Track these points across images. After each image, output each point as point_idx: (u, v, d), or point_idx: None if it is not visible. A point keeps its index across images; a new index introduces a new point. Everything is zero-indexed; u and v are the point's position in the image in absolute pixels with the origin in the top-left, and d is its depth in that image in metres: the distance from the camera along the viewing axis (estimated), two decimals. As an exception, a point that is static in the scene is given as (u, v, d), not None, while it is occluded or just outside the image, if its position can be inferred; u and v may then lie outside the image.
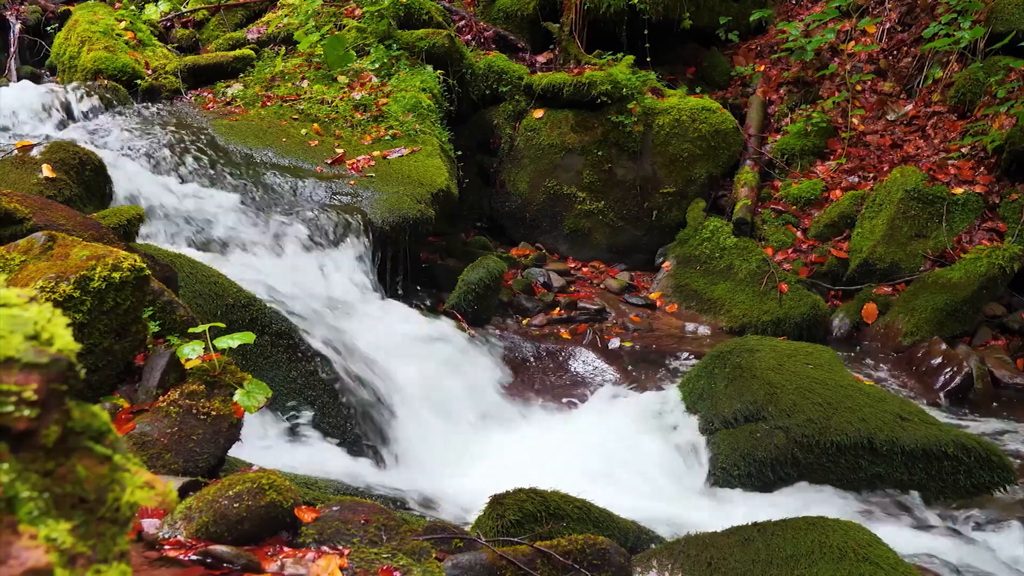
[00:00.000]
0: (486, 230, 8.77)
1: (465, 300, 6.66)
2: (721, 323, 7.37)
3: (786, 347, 5.50)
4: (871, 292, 7.38)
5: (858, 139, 8.71)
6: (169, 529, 2.39)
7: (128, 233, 4.30)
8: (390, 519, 2.71)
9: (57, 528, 0.76)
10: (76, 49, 8.23)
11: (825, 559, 3.11)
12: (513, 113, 8.83)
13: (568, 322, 7.19)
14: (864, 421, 4.71)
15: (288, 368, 4.66)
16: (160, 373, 3.03)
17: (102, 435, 0.85)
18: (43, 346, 0.80)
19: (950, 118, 8.49)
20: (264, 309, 4.70)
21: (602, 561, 2.71)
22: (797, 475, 4.69)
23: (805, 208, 8.28)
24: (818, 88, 9.31)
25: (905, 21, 9.48)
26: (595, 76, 8.49)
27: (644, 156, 8.54)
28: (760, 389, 4.99)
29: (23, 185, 4.69)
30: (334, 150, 7.17)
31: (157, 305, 3.32)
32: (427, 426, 5.11)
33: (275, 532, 2.48)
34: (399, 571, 2.43)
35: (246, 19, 9.81)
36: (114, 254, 2.87)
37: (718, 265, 7.77)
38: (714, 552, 3.25)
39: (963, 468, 4.64)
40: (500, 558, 2.59)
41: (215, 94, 8.10)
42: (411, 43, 8.43)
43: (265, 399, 3.01)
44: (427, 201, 6.60)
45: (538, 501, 3.34)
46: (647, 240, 8.54)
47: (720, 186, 8.65)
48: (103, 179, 5.26)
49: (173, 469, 2.81)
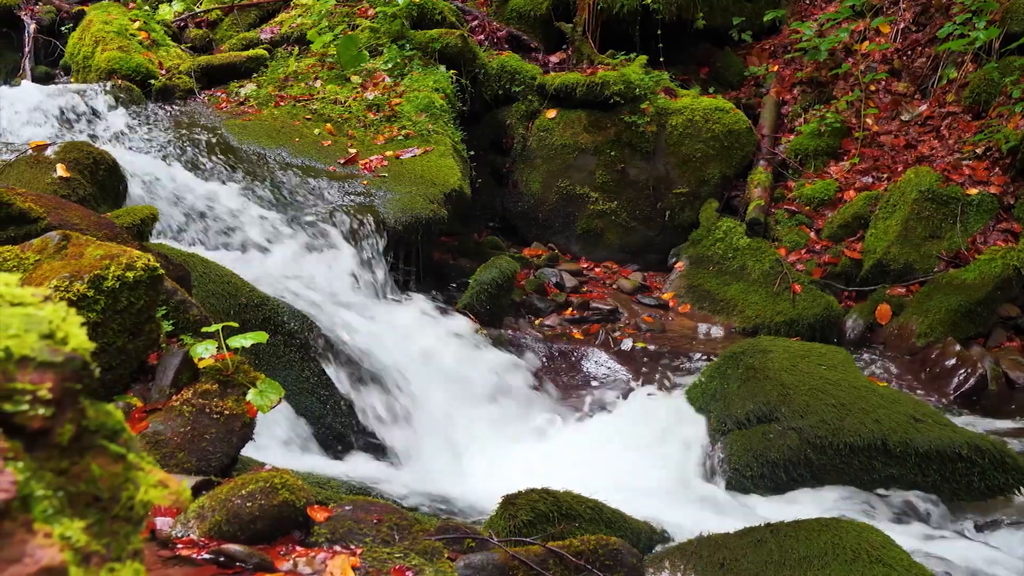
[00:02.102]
0: (499, 230, 8.77)
1: (478, 300, 6.65)
2: (734, 324, 7.36)
3: (799, 348, 5.48)
4: (885, 293, 7.35)
5: (872, 139, 8.67)
6: (182, 528, 2.39)
7: (142, 232, 4.31)
8: (402, 519, 2.71)
9: (71, 526, 0.77)
10: (90, 49, 8.26)
11: (838, 560, 3.10)
12: (526, 113, 8.83)
13: (581, 322, 7.19)
14: (878, 422, 4.69)
15: (301, 367, 4.67)
16: (173, 372, 3.04)
17: (116, 434, 0.85)
18: (58, 345, 0.80)
19: (965, 118, 8.46)
20: (277, 309, 4.71)
21: (614, 562, 2.71)
22: (810, 476, 4.68)
23: (819, 209, 8.25)
24: (832, 88, 9.27)
25: (919, 21, 9.44)
26: (608, 76, 8.48)
27: (657, 156, 8.52)
28: (773, 390, 4.98)
29: (38, 184, 4.70)
30: (347, 150, 7.18)
31: (171, 304, 3.32)
32: (439, 426, 5.11)
33: (287, 531, 2.49)
34: (411, 571, 2.43)
35: (259, 19, 9.82)
36: (128, 253, 2.88)
37: (731, 266, 7.75)
38: (726, 553, 3.25)
39: (977, 470, 4.61)
40: (512, 558, 2.59)
41: (228, 94, 8.11)
42: (424, 43, 8.43)
43: (278, 398, 3.02)
44: (440, 201, 6.61)
45: (550, 501, 3.34)
46: (660, 240, 8.52)
47: (733, 186, 8.63)
48: (117, 178, 5.27)
49: (186, 468, 2.82)
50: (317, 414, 4.62)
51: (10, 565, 0.70)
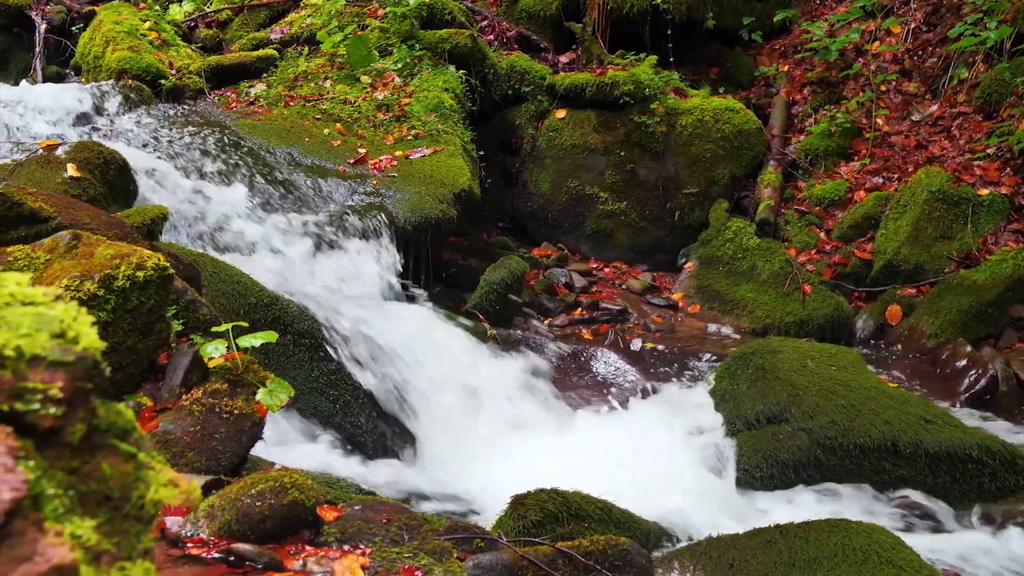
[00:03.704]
0: (508, 230, 8.76)
1: (487, 300, 6.65)
2: (744, 324, 7.34)
3: (809, 348, 5.47)
4: (895, 293, 7.33)
5: (882, 140, 8.65)
6: (192, 527, 2.40)
7: (152, 232, 4.32)
8: (412, 518, 2.71)
9: (82, 525, 0.77)
10: (101, 49, 8.28)
11: (848, 561, 3.09)
12: (535, 113, 8.83)
13: (590, 323, 7.18)
14: (888, 423, 4.68)
15: (310, 367, 4.67)
16: (183, 372, 3.04)
17: (127, 433, 0.85)
18: (69, 344, 0.80)
19: (976, 119, 8.43)
20: (287, 308, 4.72)
21: (624, 562, 2.71)
22: (820, 477, 4.67)
23: (829, 209, 8.23)
24: (842, 88, 9.25)
25: (930, 21, 9.41)
26: (618, 76, 8.47)
27: (667, 156, 8.51)
28: (783, 390, 4.97)
29: (48, 184, 4.71)
30: (357, 150, 7.19)
31: (181, 304, 3.33)
32: (448, 426, 5.11)
33: (297, 531, 2.49)
34: (420, 571, 2.43)
35: (269, 19, 9.84)
36: (138, 253, 2.88)
37: (741, 266, 7.74)
38: (736, 554, 3.24)
39: (988, 471, 4.60)
40: (521, 558, 2.59)
41: (238, 94, 8.13)
42: (434, 43, 8.43)
43: (287, 398, 3.02)
44: (449, 201, 6.61)
45: (559, 502, 3.34)
46: (669, 241, 8.51)
47: (743, 187, 8.61)
48: (127, 178, 5.28)
49: (196, 467, 2.82)
50: (327, 414, 4.62)
51: (21, 563, 0.70)
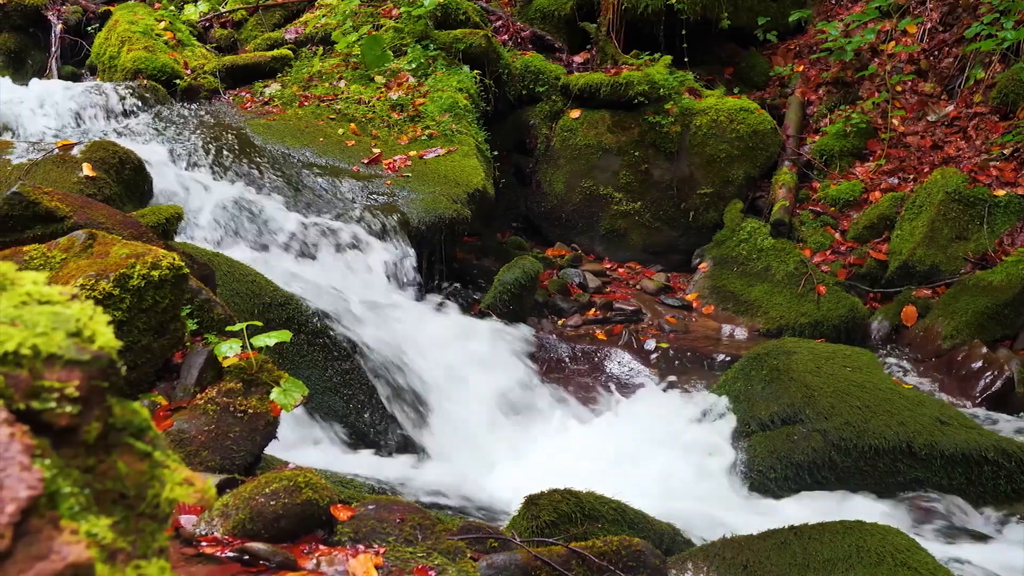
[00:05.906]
0: (522, 230, 8.76)
1: (501, 300, 6.65)
2: (758, 325, 7.32)
3: (824, 349, 5.46)
4: (911, 294, 7.29)
5: (898, 140, 8.62)
6: (206, 526, 2.40)
7: (167, 231, 4.34)
8: (425, 518, 2.72)
9: (98, 524, 0.77)
10: (116, 49, 8.31)
11: (862, 563, 3.08)
12: (550, 113, 8.82)
13: (604, 323, 7.17)
14: (903, 425, 4.66)
15: (324, 366, 4.68)
16: (198, 371, 3.05)
17: (142, 432, 0.85)
18: (85, 343, 0.80)
19: (992, 119, 8.39)
20: (301, 307, 4.73)
21: (637, 563, 2.70)
22: (834, 478, 4.66)
23: (844, 210, 8.21)
24: (858, 89, 9.22)
25: (946, 21, 9.37)
26: (632, 76, 8.46)
27: (681, 157, 8.50)
28: (797, 391, 4.96)
29: (64, 184, 4.74)
30: (371, 150, 7.19)
31: (195, 303, 3.34)
32: (462, 425, 5.12)
33: (311, 530, 2.49)
34: (434, 570, 2.43)
35: (284, 19, 9.86)
36: (153, 252, 2.89)
37: (755, 266, 7.72)
38: (750, 555, 3.23)
39: (1004, 473, 4.58)
40: (535, 559, 2.59)
41: (253, 94, 8.14)
42: (448, 43, 8.43)
43: (302, 397, 3.03)
44: (463, 201, 6.61)
45: (573, 502, 3.34)
46: (684, 241, 8.49)
47: (758, 187, 8.59)
48: (142, 177, 5.30)
49: (210, 466, 2.83)
50: (341, 413, 4.63)
51: (37, 562, 0.70)
